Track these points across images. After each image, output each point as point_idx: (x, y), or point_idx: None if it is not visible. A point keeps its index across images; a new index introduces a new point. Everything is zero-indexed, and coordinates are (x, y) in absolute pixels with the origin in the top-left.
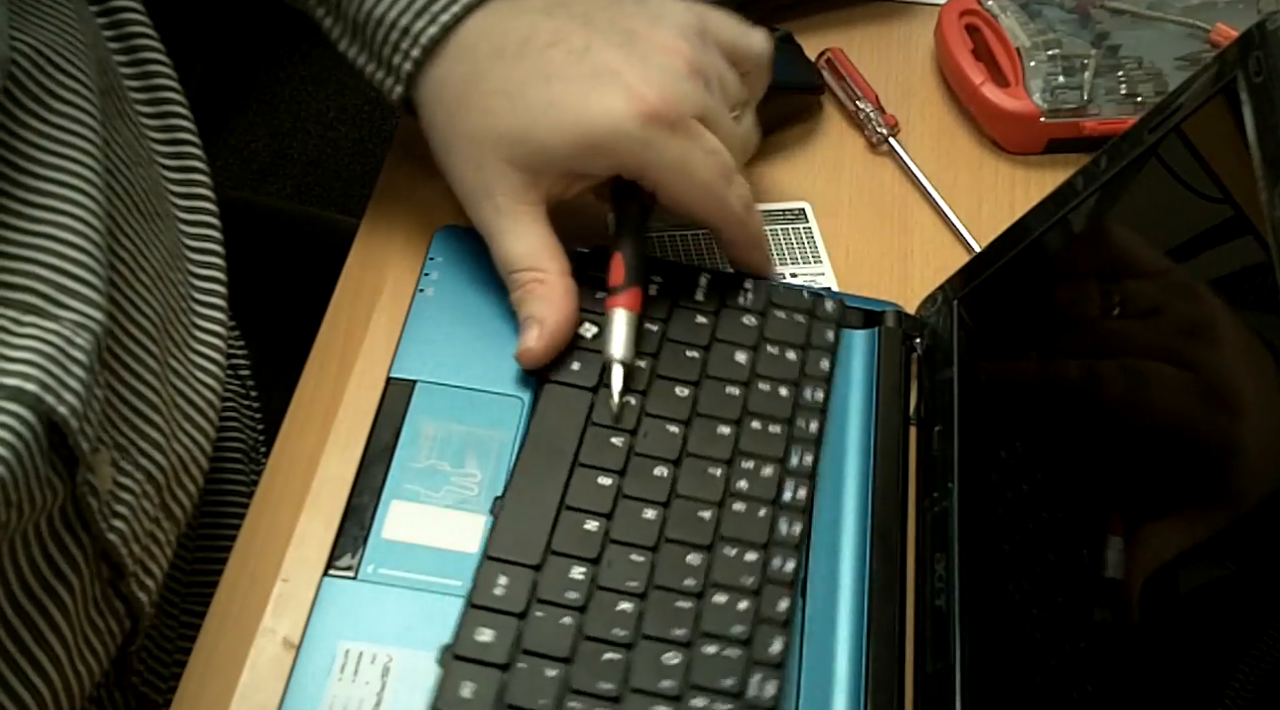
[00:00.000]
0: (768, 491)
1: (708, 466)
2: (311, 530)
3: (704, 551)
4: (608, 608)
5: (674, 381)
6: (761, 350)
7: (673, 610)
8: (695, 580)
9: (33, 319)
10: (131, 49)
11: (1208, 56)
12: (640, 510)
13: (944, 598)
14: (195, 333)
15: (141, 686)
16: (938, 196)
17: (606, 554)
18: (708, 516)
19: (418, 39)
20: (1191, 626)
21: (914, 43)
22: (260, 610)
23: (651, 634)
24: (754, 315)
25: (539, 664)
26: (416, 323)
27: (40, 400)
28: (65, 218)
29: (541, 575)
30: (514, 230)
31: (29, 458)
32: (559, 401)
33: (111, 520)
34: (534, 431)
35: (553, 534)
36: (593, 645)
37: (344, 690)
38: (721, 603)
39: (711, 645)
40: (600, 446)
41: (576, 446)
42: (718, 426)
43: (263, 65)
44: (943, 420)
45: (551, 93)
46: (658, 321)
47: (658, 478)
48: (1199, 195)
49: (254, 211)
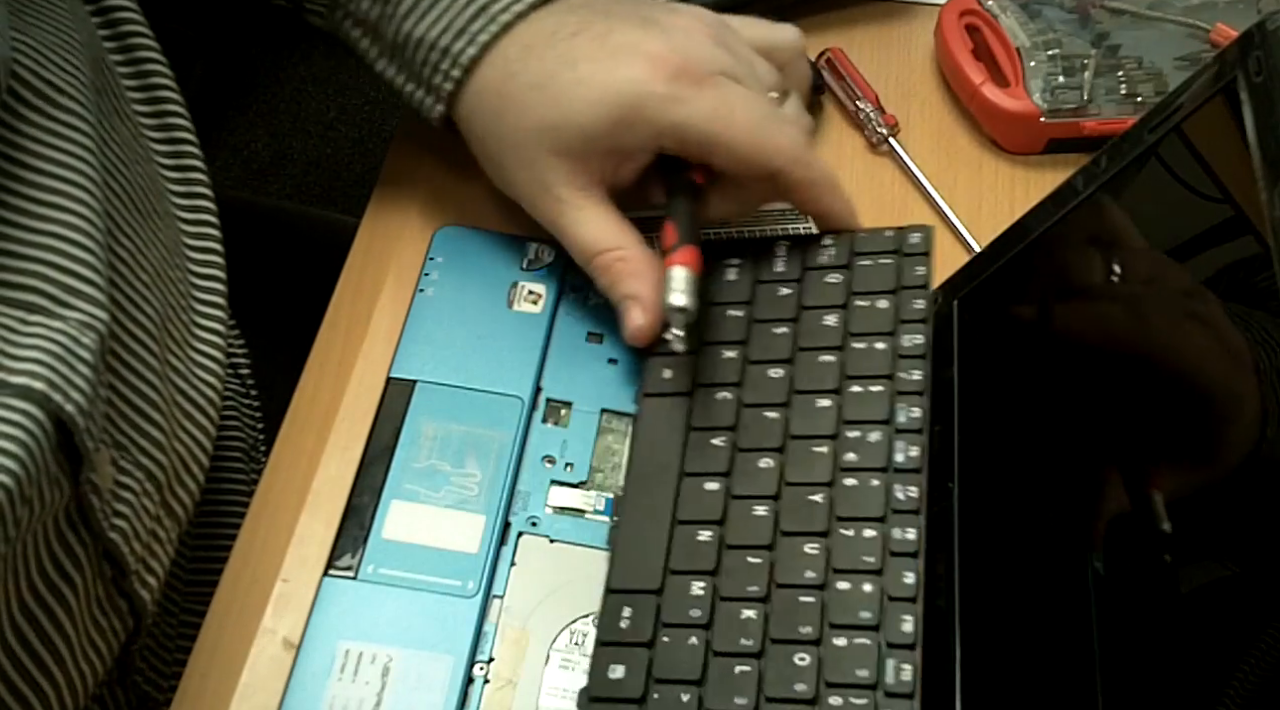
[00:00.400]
0: (878, 458)
1: (812, 445)
2: (311, 530)
3: (820, 538)
4: (732, 619)
5: (766, 364)
6: (851, 307)
7: (797, 607)
8: (815, 572)
9: (38, 318)
10: (127, 48)
11: (1208, 56)
12: (751, 509)
13: (944, 598)
14: (195, 331)
15: (144, 685)
16: (938, 196)
17: (724, 562)
18: (820, 499)
19: (457, 59)
20: (1192, 625)
21: (914, 43)
22: (260, 610)
23: (779, 637)
24: (838, 272)
25: (673, 690)
26: (416, 323)
27: (48, 398)
28: (67, 216)
29: (664, 598)
30: (579, 218)
31: (40, 456)
32: (657, 414)
33: (113, 519)
34: (638, 450)
35: (669, 554)
36: (722, 660)
37: (344, 690)
38: (845, 589)
39: (841, 637)
40: (703, 451)
41: (681, 457)
42: (817, 400)
43: (263, 65)
44: (943, 420)
45: (579, 74)
46: (741, 306)
47: (765, 470)
48: (1199, 195)
49: (254, 211)
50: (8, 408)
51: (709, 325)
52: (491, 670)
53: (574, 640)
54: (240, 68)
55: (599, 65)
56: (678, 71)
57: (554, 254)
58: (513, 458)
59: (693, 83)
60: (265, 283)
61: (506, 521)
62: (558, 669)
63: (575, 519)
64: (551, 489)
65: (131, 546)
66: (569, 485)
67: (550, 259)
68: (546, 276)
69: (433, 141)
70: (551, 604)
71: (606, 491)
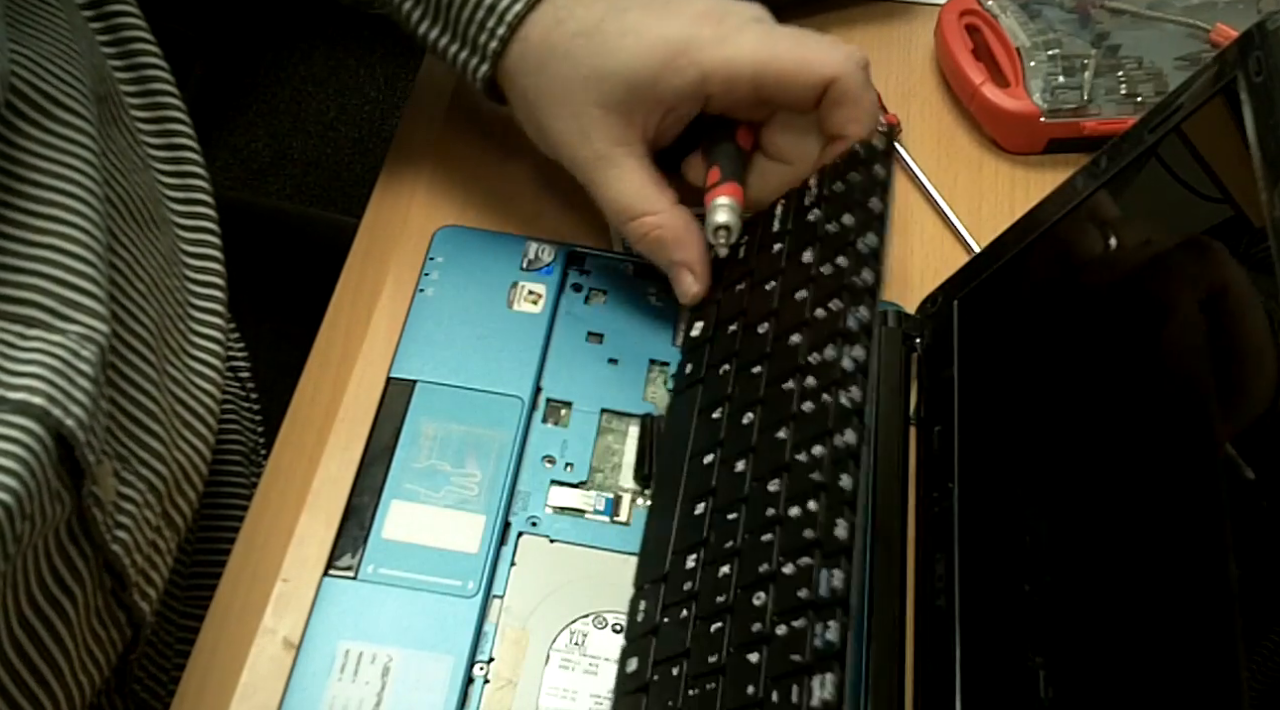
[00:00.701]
0: (832, 374)
1: (781, 385)
2: (311, 530)
3: (784, 473)
4: (712, 580)
5: (755, 325)
6: (823, 231)
7: (760, 549)
8: (775, 507)
9: (37, 332)
10: (128, 54)
11: (1208, 56)
12: (733, 467)
13: (944, 598)
14: (193, 339)
15: (142, 693)
16: (938, 196)
17: (714, 530)
18: (782, 435)
19: (504, 16)
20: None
21: (914, 43)
22: (260, 610)
23: (745, 583)
24: (818, 207)
25: (666, 668)
26: (416, 323)
27: (48, 413)
28: (67, 228)
29: (667, 582)
30: (615, 173)
31: (41, 471)
32: (675, 410)
33: (115, 531)
34: (660, 449)
35: (674, 537)
36: (702, 624)
37: (344, 690)
38: (796, 515)
39: (789, 565)
40: (706, 429)
41: (688, 442)
42: (790, 337)
43: (263, 65)
44: (943, 420)
45: (627, 21)
46: (745, 279)
47: (745, 426)
48: (1199, 195)
49: (254, 211)
50: (7, 424)
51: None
52: (491, 670)
53: (574, 640)
54: (240, 68)
55: (649, 14)
56: (722, 18)
57: (554, 254)
58: (513, 458)
59: (736, 27)
60: (265, 283)
61: (506, 521)
62: (558, 669)
63: (575, 519)
64: (551, 489)
65: (133, 558)
66: (569, 485)
67: (550, 259)
68: (546, 276)
69: (433, 141)
70: (551, 604)
71: (606, 491)
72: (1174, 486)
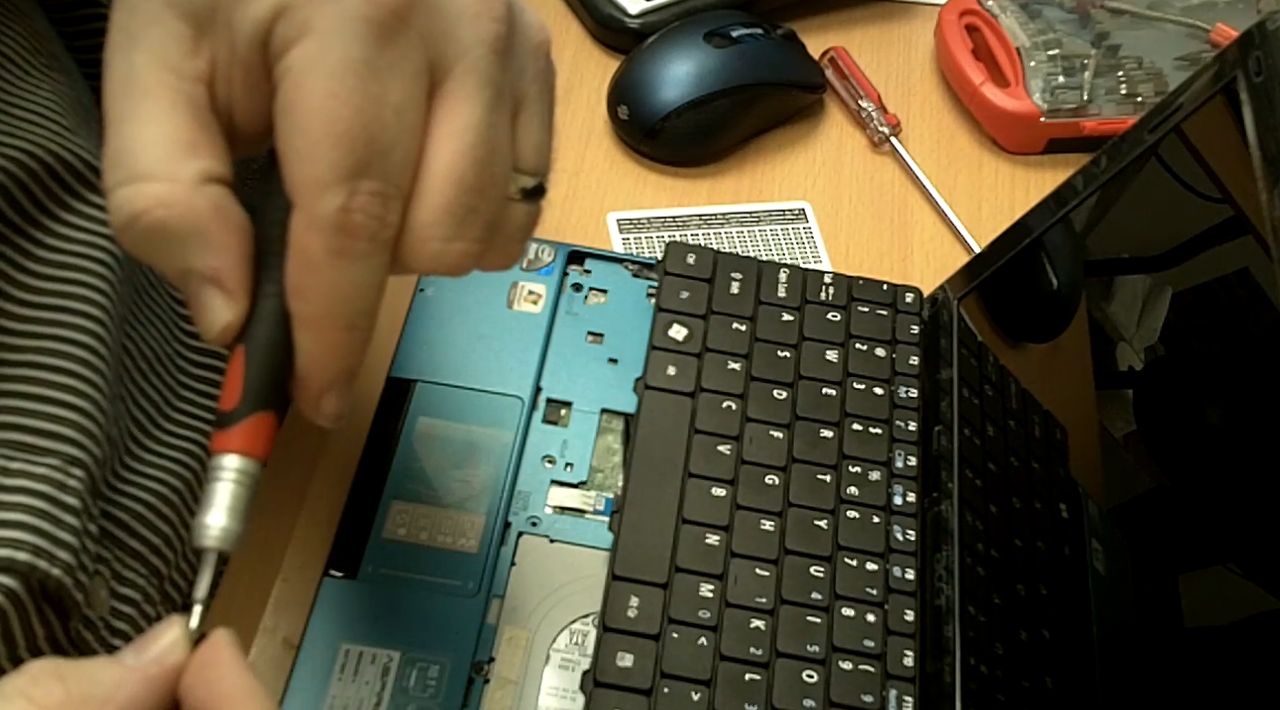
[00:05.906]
0: (878, 497)
1: (816, 472)
2: (311, 530)
3: (825, 562)
4: (740, 626)
5: (770, 384)
6: (850, 348)
7: (804, 625)
8: (821, 593)
9: (19, 465)
10: None
11: (1208, 56)
12: (758, 522)
13: (944, 598)
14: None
15: None
16: (938, 196)
17: (731, 569)
18: (824, 525)
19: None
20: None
21: (914, 43)
22: (260, 610)
23: (787, 651)
24: (837, 311)
25: (683, 688)
26: (416, 323)
27: (33, 568)
28: (75, 349)
29: (671, 594)
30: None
31: (21, 615)
32: (660, 408)
33: (110, 639)
34: (640, 442)
35: (675, 550)
36: (731, 666)
37: (344, 690)
38: (850, 616)
39: (846, 661)
40: (708, 455)
41: (685, 456)
42: (820, 430)
43: None
44: (943, 420)
45: None
46: (744, 321)
47: (769, 486)
48: (1199, 195)
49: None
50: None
51: (713, 331)
52: (491, 670)
53: (574, 640)
54: None
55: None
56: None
57: (554, 253)
58: (513, 458)
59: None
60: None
61: (506, 521)
62: (558, 669)
63: (575, 519)
64: (551, 489)
65: (133, 638)
66: (569, 485)
67: (550, 258)
68: (546, 276)
69: None
70: (551, 604)
71: (606, 491)
72: (1176, 482)
